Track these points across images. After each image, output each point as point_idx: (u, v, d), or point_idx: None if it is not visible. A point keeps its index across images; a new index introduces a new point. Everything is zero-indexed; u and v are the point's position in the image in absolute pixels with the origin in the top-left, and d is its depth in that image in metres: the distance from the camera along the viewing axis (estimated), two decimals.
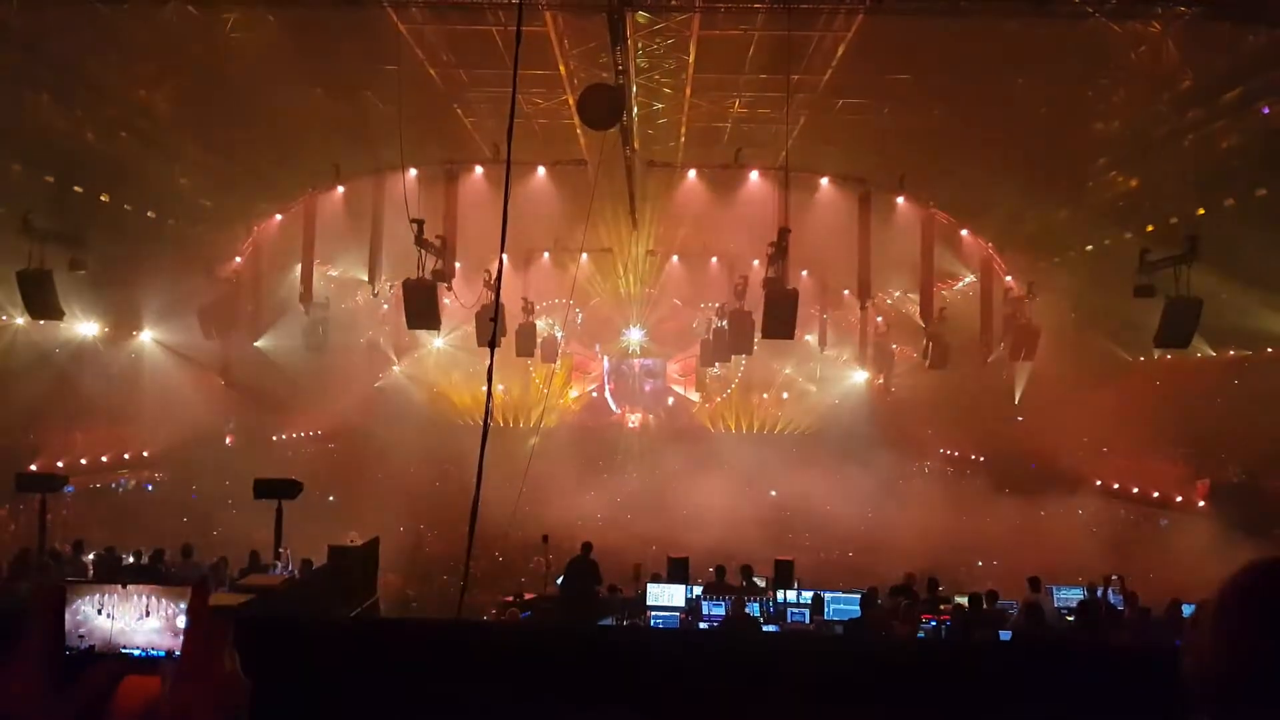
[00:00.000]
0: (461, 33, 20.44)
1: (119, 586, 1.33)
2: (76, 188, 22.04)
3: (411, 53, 20.42)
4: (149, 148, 23.37)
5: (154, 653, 1.32)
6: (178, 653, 1.24)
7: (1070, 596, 12.60)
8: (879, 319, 28.87)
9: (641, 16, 17.92)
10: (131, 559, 13.70)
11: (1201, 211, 21.38)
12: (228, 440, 29.03)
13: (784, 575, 12.54)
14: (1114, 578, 12.77)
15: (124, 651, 1.31)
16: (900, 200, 23.50)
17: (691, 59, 19.39)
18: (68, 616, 1.31)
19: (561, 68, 19.79)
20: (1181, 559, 17.04)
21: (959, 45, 19.71)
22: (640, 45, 19.11)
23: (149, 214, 24.56)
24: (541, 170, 24.01)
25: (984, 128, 24.00)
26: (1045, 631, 10.49)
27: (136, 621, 1.32)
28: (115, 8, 17.73)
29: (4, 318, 21.61)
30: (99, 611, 1.31)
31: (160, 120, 23.07)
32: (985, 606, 11.31)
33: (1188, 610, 11.58)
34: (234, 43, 21.36)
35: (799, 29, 18.54)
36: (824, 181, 23.52)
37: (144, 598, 1.33)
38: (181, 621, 1.26)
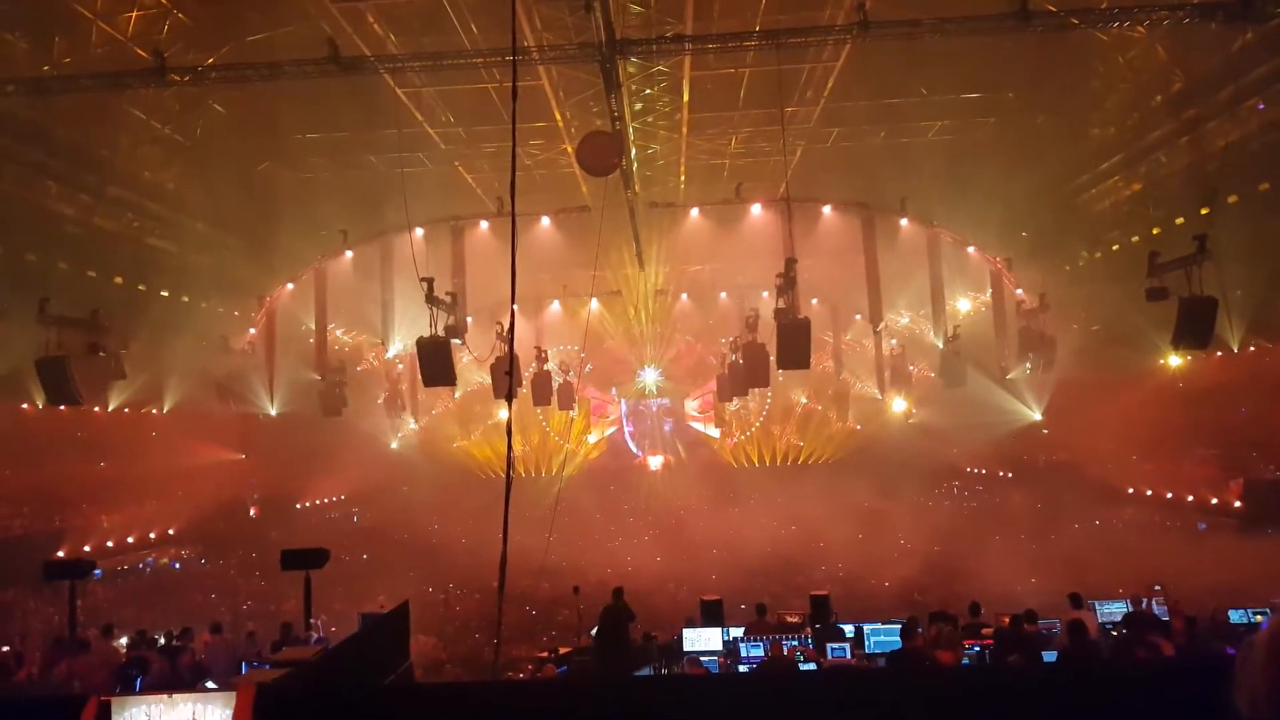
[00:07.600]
0: (458, 92, 20.79)
1: (165, 695, 1.31)
2: (90, 273, 22.35)
3: (411, 116, 20.74)
4: (158, 228, 23.72)
5: None
6: None
7: (1114, 610, 12.30)
8: (893, 341, 28.73)
9: (632, 65, 18.17)
10: (162, 640, 13.62)
11: (1205, 210, 21.31)
12: (252, 512, 29.04)
13: (820, 610, 12.33)
14: (1156, 588, 12.52)
15: None
16: (904, 222, 23.56)
17: (685, 99, 19.61)
18: None
19: (558, 117, 20.04)
20: (1222, 560, 16.76)
21: (947, 65, 19.88)
22: (634, 90, 19.34)
23: (163, 293, 24.86)
24: (546, 219, 24.13)
25: (980, 142, 24.16)
26: (1093, 650, 10.23)
27: None
28: (118, 94, 18.09)
29: (25, 405, 21.81)
30: None
31: (167, 200, 23.44)
32: (1025, 626, 11.08)
33: (1234, 616, 11.34)
34: (234, 119, 21.80)
35: (789, 63, 18.70)
36: (826, 209, 23.58)
37: (190, 705, 1.32)
38: None
